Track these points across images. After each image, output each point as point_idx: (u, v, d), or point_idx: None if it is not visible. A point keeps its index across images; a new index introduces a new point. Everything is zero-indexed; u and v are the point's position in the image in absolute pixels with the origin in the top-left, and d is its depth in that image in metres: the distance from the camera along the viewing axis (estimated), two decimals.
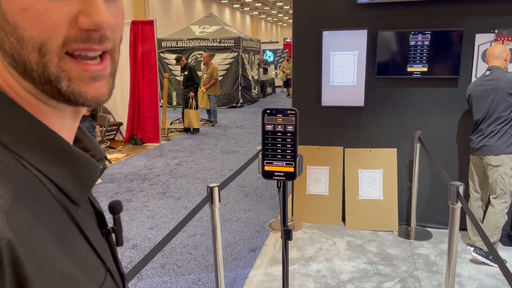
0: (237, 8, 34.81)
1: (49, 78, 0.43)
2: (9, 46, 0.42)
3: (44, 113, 0.46)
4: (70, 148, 0.46)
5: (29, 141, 0.43)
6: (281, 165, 0.94)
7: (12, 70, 0.44)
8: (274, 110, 0.92)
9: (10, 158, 0.41)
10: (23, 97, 0.45)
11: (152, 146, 7.96)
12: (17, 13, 0.41)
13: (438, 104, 3.86)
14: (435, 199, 4.03)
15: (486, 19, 3.62)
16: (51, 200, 0.44)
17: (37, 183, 0.43)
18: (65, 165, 0.46)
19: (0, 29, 0.42)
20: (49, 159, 0.44)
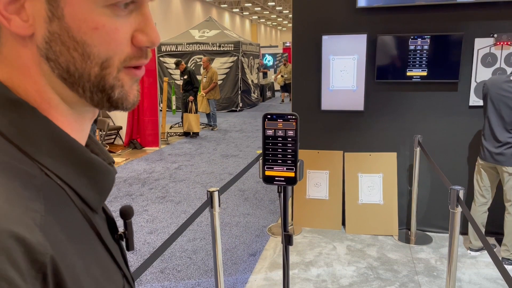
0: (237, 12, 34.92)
1: (104, 88, 0.46)
2: (67, 59, 0.44)
3: (67, 120, 0.47)
4: (90, 156, 0.47)
5: (52, 150, 0.44)
6: (282, 170, 0.94)
7: (57, 81, 0.45)
8: (274, 115, 0.92)
9: (34, 168, 0.41)
10: (54, 106, 0.46)
11: (151, 150, 7.95)
12: (87, 32, 0.43)
13: (438, 108, 3.87)
14: (435, 203, 4.02)
15: (485, 23, 3.63)
16: (74, 209, 0.44)
17: (61, 193, 0.43)
18: (85, 173, 0.46)
19: (61, 43, 0.43)
20: (70, 167, 0.45)
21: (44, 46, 0.43)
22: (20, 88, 0.44)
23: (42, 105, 0.45)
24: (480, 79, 3.71)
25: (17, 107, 0.43)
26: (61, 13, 0.42)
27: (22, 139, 0.42)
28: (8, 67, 0.44)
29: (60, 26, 0.43)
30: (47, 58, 0.44)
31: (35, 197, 0.39)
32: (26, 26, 0.42)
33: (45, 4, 0.42)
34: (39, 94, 0.45)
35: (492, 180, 3.44)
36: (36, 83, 0.45)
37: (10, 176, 0.38)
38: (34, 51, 0.43)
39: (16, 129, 0.42)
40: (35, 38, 0.43)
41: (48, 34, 0.43)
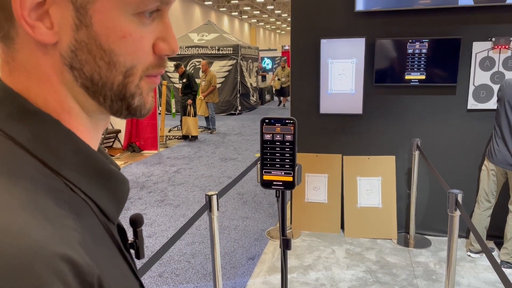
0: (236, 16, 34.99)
1: (125, 96, 0.45)
2: (92, 68, 0.43)
3: (87, 129, 0.47)
4: (108, 168, 0.46)
5: (75, 164, 0.43)
6: (280, 174, 0.94)
7: (79, 90, 0.44)
8: (272, 120, 0.92)
9: (60, 183, 0.41)
10: (75, 115, 0.45)
11: (150, 153, 7.95)
12: (115, 40, 0.42)
13: (436, 112, 3.87)
14: (434, 207, 4.02)
15: (483, 27, 3.64)
16: (97, 222, 0.44)
17: (85, 207, 0.42)
18: (105, 185, 0.45)
19: (87, 52, 0.42)
20: (92, 180, 0.44)
21: (69, 54, 0.42)
22: (38, 98, 0.43)
23: (62, 115, 0.44)
24: (478, 83, 3.72)
25: (39, 119, 0.42)
26: (90, 21, 0.41)
27: (46, 154, 0.41)
28: (24, 75, 0.42)
29: (88, 35, 0.42)
30: (71, 67, 0.42)
31: (67, 214, 0.38)
32: (50, 34, 0.40)
33: (73, 12, 0.40)
34: (59, 104, 0.44)
35: (499, 185, 3.42)
36: (57, 92, 0.43)
37: (43, 193, 0.37)
38: (56, 59, 0.42)
39: (41, 144, 0.41)
40: (59, 46, 0.41)
41: (75, 42, 0.41)
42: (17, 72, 0.42)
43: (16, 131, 0.40)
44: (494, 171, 3.39)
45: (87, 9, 0.41)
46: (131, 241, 0.56)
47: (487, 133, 3.74)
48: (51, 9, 0.40)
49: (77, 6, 0.40)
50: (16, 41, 0.41)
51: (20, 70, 0.42)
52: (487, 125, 3.74)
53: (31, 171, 0.39)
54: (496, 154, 3.32)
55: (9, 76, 0.43)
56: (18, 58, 0.42)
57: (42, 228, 0.34)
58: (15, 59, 0.42)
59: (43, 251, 0.33)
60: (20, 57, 0.42)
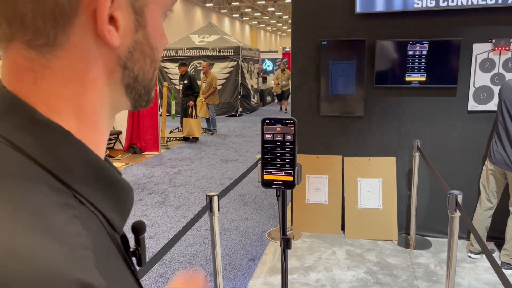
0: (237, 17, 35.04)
1: (149, 90, 0.49)
2: (141, 66, 0.46)
3: (105, 133, 0.47)
4: (116, 178, 0.45)
5: (85, 176, 0.42)
6: (280, 174, 0.95)
7: (120, 88, 0.45)
8: (273, 120, 0.93)
9: (70, 197, 0.39)
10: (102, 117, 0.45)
11: (151, 154, 7.96)
12: (158, 38, 0.47)
13: (437, 113, 3.88)
14: (434, 208, 4.02)
15: (483, 29, 3.65)
16: (106, 235, 0.43)
17: (95, 220, 0.42)
18: (113, 195, 0.45)
19: (140, 52, 0.45)
20: (100, 192, 0.43)
21: (126, 55, 0.43)
22: (69, 103, 0.42)
23: (93, 118, 0.44)
24: (478, 84, 3.73)
25: (49, 130, 0.40)
26: (145, 22, 0.44)
27: (57, 166, 0.39)
28: (57, 83, 0.41)
29: (143, 35, 0.44)
30: (124, 67, 0.44)
31: (80, 231, 0.37)
32: (117, 36, 0.42)
33: (133, 15, 0.43)
34: (93, 107, 0.43)
35: (499, 185, 3.42)
36: (96, 95, 0.43)
37: (54, 210, 0.36)
38: (112, 61, 0.43)
39: (51, 155, 0.39)
40: (119, 48, 0.43)
41: (134, 43, 0.44)
42: (46, 80, 0.40)
43: (25, 142, 0.39)
44: (493, 171, 3.40)
45: (143, 11, 0.43)
46: (133, 248, 0.55)
47: (488, 135, 3.75)
48: (116, 12, 0.41)
49: (136, 9, 0.43)
50: (63, 47, 0.40)
51: (52, 78, 0.41)
52: (488, 126, 3.75)
53: (42, 185, 0.37)
54: (495, 154, 3.34)
55: (31, 85, 0.41)
56: (57, 65, 0.40)
57: (55, 250, 0.32)
58: (49, 67, 0.40)
59: (58, 277, 0.31)
60: (60, 63, 0.40)
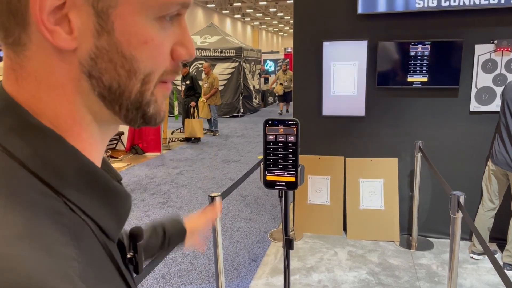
0: (238, 18, 35.07)
1: (141, 105, 0.43)
2: (111, 77, 0.40)
3: (95, 141, 0.44)
4: (112, 184, 0.43)
5: (77, 182, 0.40)
6: (283, 175, 0.95)
7: (95, 99, 0.41)
8: (275, 121, 0.93)
9: (60, 203, 0.38)
10: (86, 126, 0.43)
11: (153, 155, 7.97)
12: (136, 47, 0.40)
13: (439, 114, 3.88)
14: (436, 209, 4.02)
15: (485, 29, 3.65)
16: (97, 243, 0.41)
17: (85, 228, 0.40)
18: (107, 203, 0.43)
19: (108, 60, 0.40)
20: (94, 199, 0.41)
21: (88, 62, 0.39)
22: (48, 108, 0.40)
23: (73, 126, 0.41)
24: (480, 85, 3.72)
25: (41, 135, 0.39)
26: (111, 27, 0.39)
27: (47, 172, 0.38)
28: (33, 84, 0.39)
29: (109, 41, 0.39)
30: (89, 75, 0.40)
31: (67, 240, 0.36)
32: (69, 39, 0.38)
33: (93, 17, 0.38)
34: (71, 114, 0.41)
35: (501, 186, 3.41)
36: (70, 102, 0.41)
37: (42, 218, 0.35)
38: (73, 67, 0.40)
39: (41, 161, 0.38)
40: (78, 53, 0.39)
41: (95, 49, 0.39)
42: (25, 80, 0.39)
43: (16, 146, 0.38)
44: (495, 172, 3.40)
45: (109, 14, 0.38)
46: (130, 255, 0.53)
47: (490, 135, 3.74)
48: (71, 13, 0.37)
49: (98, 11, 0.38)
50: (28, 47, 0.39)
51: (28, 78, 0.39)
52: (490, 127, 3.74)
53: (31, 191, 0.36)
54: (497, 155, 3.33)
55: (15, 84, 0.40)
56: (28, 65, 0.39)
57: (39, 260, 0.31)
58: (24, 66, 0.39)
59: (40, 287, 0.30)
60: (30, 64, 0.39)
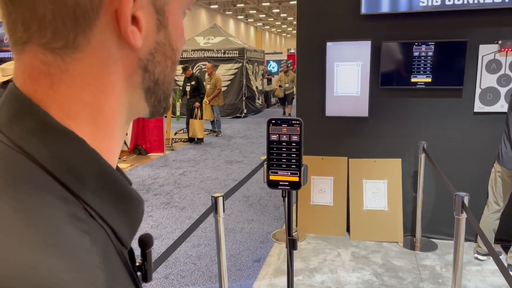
0: (241, 19, 35.09)
1: (167, 95, 0.47)
2: (162, 69, 0.44)
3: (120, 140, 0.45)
4: (128, 189, 0.43)
5: (96, 186, 0.40)
6: (286, 174, 0.95)
7: (140, 93, 0.43)
8: (279, 120, 0.93)
9: (80, 208, 0.38)
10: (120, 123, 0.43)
11: (156, 156, 7.98)
12: (179, 38, 0.45)
13: (443, 115, 3.86)
14: (440, 210, 4.00)
15: (489, 30, 3.63)
16: (113, 250, 0.41)
17: (103, 234, 0.40)
18: (123, 209, 0.43)
19: (162, 53, 0.43)
20: (111, 204, 0.41)
21: (147, 57, 0.42)
22: (88, 107, 0.40)
23: (111, 124, 0.42)
24: (484, 86, 3.71)
25: (62, 137, 0.38)
26: (167, 22, 0.42)
27: (68, 176, 0.38)
28: (76, 87, 0.39)
29: (165, 35, 0.43)
30: (145, 69, 0.42)
31: (90, 248, 0.35)
32: (139, 37, 0.40)
33: (154, 14, 0.41)
34: (112, 112, 0.42)
35: (507, 188, 3.38)
36: (116, 99, 0.42)
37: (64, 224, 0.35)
38: (132, 63, 0.41)
39: (61, 163, 0.38)
40: (140, 50, 0.41)
41: (155, 44, 0.42)
42: (64, 84, 0.39)
43: (36, 149, 0.37)
44: (501, 173, 3.37)
45: (165, 10, 0.42)
46: (139, 263, 0.53)
47: (494, 136, 3.73)
48: (138, 12, 0.39)
49: (157, 8, 0.41)
50: (82, 49, 0.39)
51: (70, 81, 0.39)
52: (494, 128, 3.73)
53: (51, 195, 0.36)
54: (503, 155, 3.30)
55: (48, 89, 0.39)
56: (76, 68, 0.39)
57: (67, 269, 0.32)
58: (67, 70, 0.39)
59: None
60: (79, 67, 0.39)
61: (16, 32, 0.39)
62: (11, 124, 0.38)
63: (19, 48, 0.39)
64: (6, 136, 0.38)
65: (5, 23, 0.40)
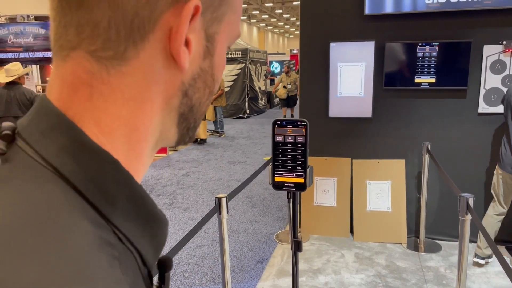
0: (244, 19, 35.10)
1: (198, 124, 0.47)
2: (200, 96, 0.44)
3: (148, 161, 0.44)
4: (156, 211, 0.42)
5: (127, 210, 0.38)
6: (292, 176, 0.94)
7: (174, 117, 0.43)
8: (284, 121, 0.92)
9: (111, 233, 0.37)
10: (151, 145, 0.43)
11: (159, 156, 7.99)
12: (220, 70, 0.45)
13: (447, 115, 3.85)
14: (444, 211, 3.99)
15: (494, 30, 3.62)
16: (139, 276, 0.40)
17: (131, 259, 0.39)
18: (151, 232, 0.41)
19: (203, 80, 0.43)
20: (140, 227, 0.40)
21: (189, 81, 0.42)
22: (123, 125, 0.39)
23: (143, 142, 0.41)
24: (489, 86, 3.69)
25: (97, 158, 0.37)
26: (214, 51, 0.43)
27: (100, 199, 0.37)
28: (116, 101, 0.38)
29: (210, 63, 0.43)
30: (185, 94, 0.42)
31: (120, 276, 0.34)
32: (188, 60, 0.40)
33: (204, 41, 0.41)
34: (146, 131, 0.41)
35: (509, 190, 3.35)
36: (152, 118, 0.41)
37: (96, 250, 0.34)
38: (175, 85, 0.41)
39: (96, 187, 0.36)
40: (185, 73, 0.41)
41: (199, 70, 0.42)
42: (102, 97, 0.38)
43: (70, 169, 0.36)
44: (502, 176, 3.35)
45: (214, 39, 0.42)
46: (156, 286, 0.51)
47: (498, 137, 3.71)
48: (190, 35, 0.39)
49: (208, 35, 0.41)
50: (129, 63, 0.38)
51: (110, 95, 0.38)
52: (498, 128, 3.71)
53: (86, 221, 0.34)
54: (503, 158, 3.29)
55: (86, 101, 0.38)
56: (119, 81, 0.38)
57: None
58: (110, 82, 0.38)
59: None
60: (123, 80, 0.38)
61: (66, 36, 0.37)
62: (44, 140, 0.36)
63: (65, 54, 0.38)
64: (38, 152, 0.36)
65: (55, 26, 0.38)
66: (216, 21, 0.42)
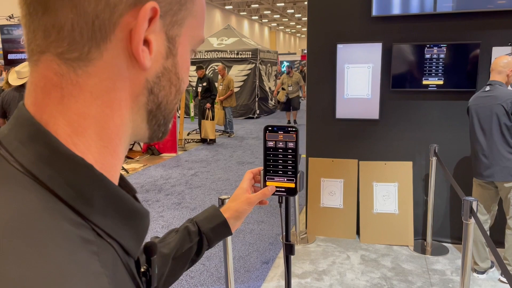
0: (256, 19, 35.13)
1: (167, 122, 0.50)
2: (166, 94, 0.47)
3: (123, 156, 0.46)
4: (133, 206, 0.45)
5: (104, 208, 0.41)
6: (283, 181, 0.95)
7: (142, 114, 0.46)
8: (275, 127, 0.94)
9: (89, 231, 0.39)
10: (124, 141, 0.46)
11: (169, 156, 8.05)
12: (185, 70, 0.49)
13: (454, 118, 3.82)
14: (451, 214, 3.96)
15: (502, 32, 3.58)
16: (120, 264, 0.43)
17: (111, 252, 0.41)
18: (130, 224, 0.45)
19: (168, 79, 0.46)
20: (117, 221, 0.43)
21: (153, 80, 0.45)
22: (94, 124, 0.41)
23: (115, 140, 0.44)
24: None
25: (72, 164, 0.40)
26: (176, 51, 0.46)
27: (77, 201, 0.39)
28: (84, 101, 0.41)
29: (172, 63, 0.46)
30: (151, 91, 0.45)
31: (99, 270, 0.37)
32: (149, 59, 0.43)
33: (166, 42, 0.44)
34: (117, 129, 0.43)
35: (489, 196, 3.32)
36: (121, 116, 0.43)
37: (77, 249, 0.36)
38: (139, 83, 0.44)
39: (73, 190, 0.39)
40: (148, 72, 0.44)
41: (162, 69, 0.45)
42: (73, 98, 0.40)
43: (47, 176, 0.38)
44: (482, 184, 3.34)
45: (176, 41, 0.45)
46: (144, 269, 0.55)
47: None
48: (150, 36, 0.42)
49: (169, 37, 0.45)
50: (94, 63, 0.40)
51: (80, 95, 0.40)
52: None
53: (66, 222, 0.37)
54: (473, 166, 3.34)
55: (57, 104, 0.40)
56: (86, 82, 0.40)
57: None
58: (78, 83, 0.40)
59: None
60: (89, 81, 0.40)
61: (35, 40, 0.40)
62: (23, 149, 0.39)
63: (35, 59, 0.41)
64: (17, 160, 0.39)
65: (26, 33, 0.41)
66: (176, 25, 0.45)
